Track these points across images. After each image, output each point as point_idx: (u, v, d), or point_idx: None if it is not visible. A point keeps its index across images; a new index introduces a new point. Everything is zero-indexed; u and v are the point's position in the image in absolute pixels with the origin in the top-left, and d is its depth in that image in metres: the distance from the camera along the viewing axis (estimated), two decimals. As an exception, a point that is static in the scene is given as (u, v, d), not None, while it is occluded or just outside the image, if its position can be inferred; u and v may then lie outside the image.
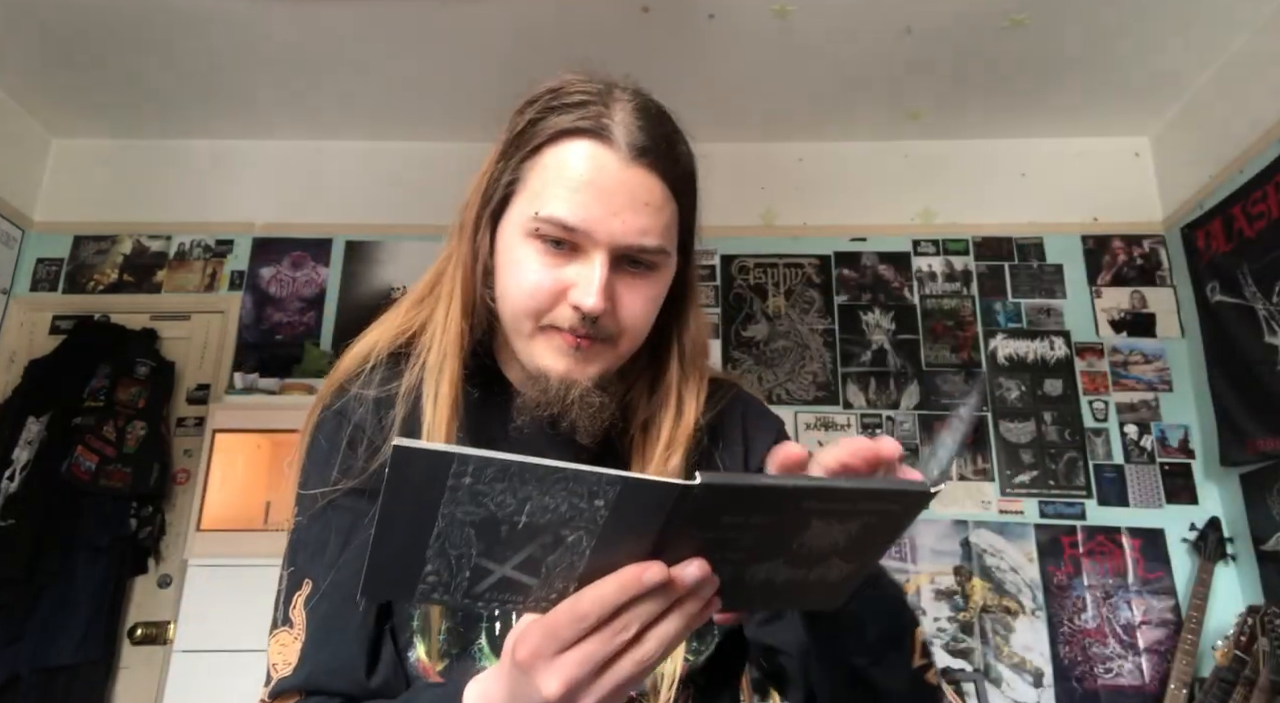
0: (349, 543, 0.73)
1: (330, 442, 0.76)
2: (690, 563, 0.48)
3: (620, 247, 0.69)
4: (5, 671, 2.59)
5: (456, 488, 0.43)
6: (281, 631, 0.72)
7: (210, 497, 2.81)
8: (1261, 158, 2.70)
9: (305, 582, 0.72)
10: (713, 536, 0.48)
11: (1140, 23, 2.74)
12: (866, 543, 0.52)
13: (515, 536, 0.45)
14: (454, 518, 0.44)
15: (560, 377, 0.71)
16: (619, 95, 0.73)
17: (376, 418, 0.76)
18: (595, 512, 0.45)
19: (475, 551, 0.46)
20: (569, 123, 0.70)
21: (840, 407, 3.11)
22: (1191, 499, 2.92)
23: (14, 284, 3.26)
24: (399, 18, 2.77)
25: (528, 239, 0.70)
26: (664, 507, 0.45)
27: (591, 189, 0.68)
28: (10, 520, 2.67)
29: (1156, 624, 2.81)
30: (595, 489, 0.44)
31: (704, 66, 3.01)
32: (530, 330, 0.72)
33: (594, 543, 0.46)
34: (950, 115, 3.27)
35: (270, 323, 3.24)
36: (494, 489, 0.43)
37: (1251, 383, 2.67)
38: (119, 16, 2.78)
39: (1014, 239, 3.28)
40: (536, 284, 0.70)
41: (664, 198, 0.71)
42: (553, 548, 0.46)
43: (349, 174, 3.40)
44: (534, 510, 0.44)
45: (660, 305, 0.76)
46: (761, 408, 0.89)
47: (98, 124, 3.40)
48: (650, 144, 0.70)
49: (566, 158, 0.69)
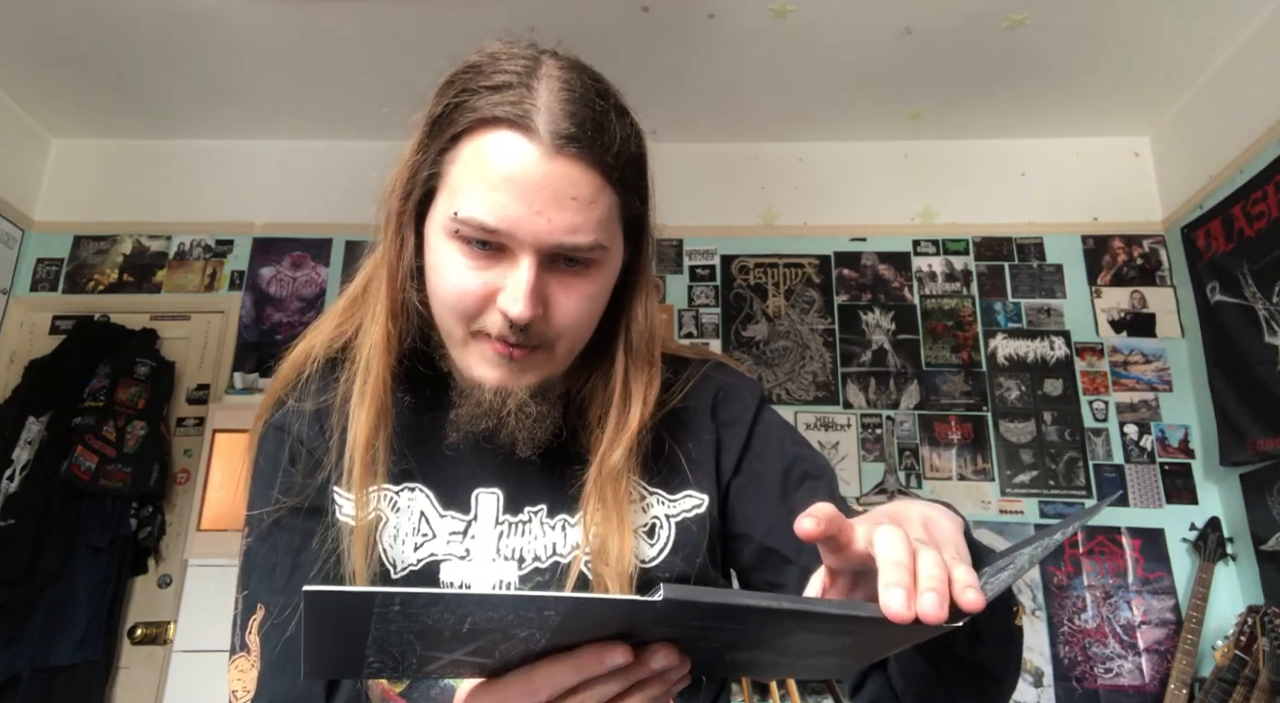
0: (298, 565, 0.71)
1: (271, 459, 0.74)
2: (658, 649, 0.45)
3: (547, 247, 0.63)
4: (5, 671, 2.59)
5: (385, 615, 0.39)
6: (239, 656, 0.70)
7: (210, 497, 2.82)
8: (1261, 158, 2.70)
9: (259, 606, 0.71)
10: (683, 632, 0.45)
11: (1140, 23, 2.74)
12: (868, 649, 0.47)
13: (460, 636, 0.42)
14: (387, 630, 0.41)
15: (494, 387, 0.67)
16: (546, 72, 0.65)
17: (316, 428, 0.73)
18: (545, 619, 0.41)
19: (419, 647, 0.42)
20: (488, 110, 0.63)
21: (840, 407, 3.11)
22: (1191, 499, 2.92)
23: (14, 284, 3.26)
24: (399, 18, 2.77)
25: (450, 239, 0.65)
26: (623, 614, 0.42)
27: (511, 186, 0.62)
28: (10, 521, 2.67)
29: (1156, 624, 2.81)
30: (543, 604, 0.40)
31: (704, 66, 3.01)
32: (461, 336, 0.68)
33: (548, 638, 0.43)
34: (950, 115, 3.27)
35: (270, 323, 3.24)
36: (428, 612, 0.40)
37: (1251, 383, 2.67)
38: (119, 17, 2.78)
39: (1014, 239, 3.28)
40: (461, 288, 0.65)
41: (595, 189, 0.64)
42: (504, 640, 0.43)
43: (349, 174, 3.39)
44: (477, 621, 0.41)
45: (604, 302, 0.70)
46: (735, 385, 0.82)
47: (98, 124, 3.40)
48: (576, 131, 0.62)
49: (484, 151, 0.63)
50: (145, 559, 2.90)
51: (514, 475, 0.74)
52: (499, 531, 0.72)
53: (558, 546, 0.72)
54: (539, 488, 0.74)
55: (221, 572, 2.74)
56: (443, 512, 0.73)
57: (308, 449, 0.73)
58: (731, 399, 0.80)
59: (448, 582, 0.70)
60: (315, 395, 0.74)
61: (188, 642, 2.73)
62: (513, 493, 0.74)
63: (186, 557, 2.81)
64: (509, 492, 0.74)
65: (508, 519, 0.73)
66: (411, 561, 0.71)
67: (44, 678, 2.61)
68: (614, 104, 0.67)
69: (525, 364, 0.67)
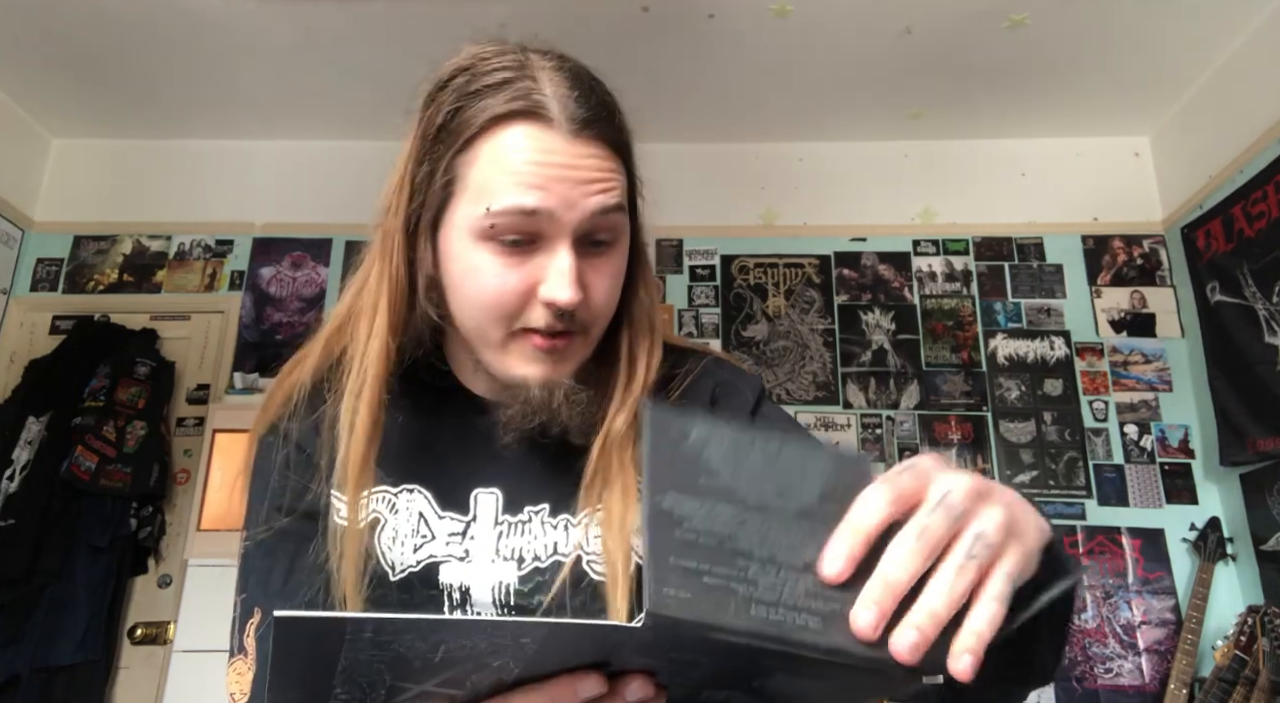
0: (294, 569, 0.71)
1: (268, 465, 0.74)
2: (634, 679, 0.44)
3: (583, 227, 0.65)
4: (5, 671, 2.59)
5: (357, 641, 0.39)
6: (238, 659, 0.70)
7: (210, 497, 2.82)
8: (1261, 158, 2.70)
9: (255, 609, 0.71)
10: (661, 664, 0.44)
11: (1140, 23, 2.74)
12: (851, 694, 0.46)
13: (432, 666, 0.41)
14: (357, 659, 0.40)
15: (540, 382, 0.68)
16: (539, 63, 0.67)
17: (312, 434, 0.73)
18: (521, 647, 0.40)
19: (389, 677, 0.41)
20: (499, 107, 0.64)
21: (840, 407, 3.11)
22: (1191, 499, 2.92)
23: (14, 284, 3.26)
24: (398, 18, 2.77)
25: (480, 242, 0.65)
26: (598, 641, 0.42)
27: (541, 173, 0.63)
28: (10, 521, 2.67)
29: (1156, 624, 2.81)
30: (519, 631, 0.40)
31: (704, 66, 3.01)
32: (500, 338, 0.68)
33: (522, 668, 0.42)
34: (950, 115, 3.27)
35: (270, 323, 3.24)
36: (400, 639, 0.39)
37: (1251, 383, 2.67)
38: (119, 17, 2.78)
39: (1014, 239, 3.28)
40: (500, 288, 0.65)
41: (612, 167, 0.66)
42: (476, 670, 0.42)
43: (349, 174, 3.39)
44: (451, 649, 0.40)
45: (622, 281, 0.71)
46: (732, 377, 0.81)
47: (98, 124, 3.40)
48: (590, 114, 0.65)
49: (506, 145, 0.64)
50: (145, 559, 2.90)
51: (513, 475, 0.74)
52: (498, 531, 0.72)
53: (559, 545, 0.72)
54: (540, 487, 0.74)
55: (221, 572, 2.74)
56: (441, 513, 0.72)
57: (305, 454, 0.73)
58: (730, 394, 0.80)
59: (447, 583, 0.70)
60: (310, 410, 0.74)
61: (188, 642, 2.74)
62: (512, 493, 0.73)
63: (186, 557, 2.82)
64: (508, 492, 0.74)
65: (507, 519, 0.73)
66: (411, 562, 0.71)
67: (44, 678, 2.61)
68: (607, 89, 0.69)
69: (565, 354, 0.68)
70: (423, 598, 0.69)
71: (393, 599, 0.69)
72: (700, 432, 0.43)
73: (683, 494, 0.41)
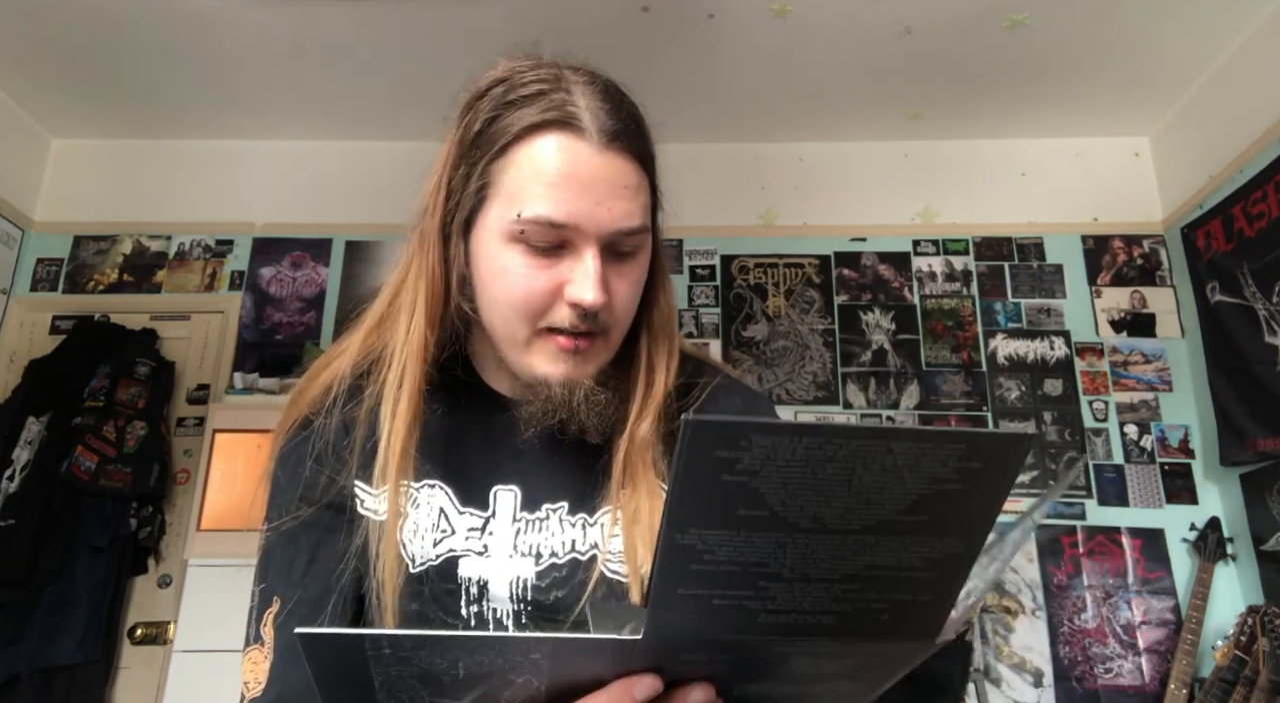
0: (315, 560, 0.72)
1: (296, 457, 0.75)
2: (694, 689, 0.45)
3: (608, 236, 0.67)
4: (5, 671, 2.59)
5: (379, 657, 0.41)
6: (253, 649, 0.71)
7: (210, 497, 2.82)
8: (1261, 158, 2.70)
9: (275, 599, 0.72)
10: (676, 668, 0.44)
11: (1140, 23, 2.74)
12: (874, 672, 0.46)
13: (459, 682, 0.43)
14: (389, 675, 0.42)
15: (561, 381, 0.70)
16: (572, 77, 0.70)
17: (342, 430, 0.75)
18: (534, 663, 0.42)
19: (426, 693, 0.43)
20: (534, 117, 0.67)
21: (840, 407, 3.11)
22: (1191, 499, 2.92)
23: (14, 284, 3.26)
24: (398, 18, 2.77)
25: (510, 244, 0.68)
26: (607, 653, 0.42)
27: (572, 182, 0.66)
28: (10, 521, 2.67)
29: (1156, 624, 2.81)
30: (527, 647, 0.41)
31: (704, 66, 3.01)
32: (526, 337, 0.70)
33: (545, 682, 0.43)
34: (950, 115, 3.27)
35: (270, 323, 3.24)
36: (418, 655, 0.41)
37: (1251, 383, 2.67)
38: (119, 17, 2.78)
39: (1014, 239, 3.28)
40: (528, 287, 0.68)
41: (638, 179, 0.70)
42: (505, 687, 0.43)
43: (349, 174, 3.40)
44: (468, 665, 0.42)
45: (643, 288, 0.74)
46: (743, 401, 0.85)
47: (98, 124, 3.40)
48: (620, 127, 0.68)
49: (540, 153, 0.67)
50: (145, 559, 2.90)
51: (532, 474, 0.76)
52: (516, 527, 0.74)
53: (576, 543, 0.74)
54: (559, 486, 0.76)
55: (222, 572, 2.74)
56: (461, 508, 0.75)
57: (340, 446, 0.74)
58: (745, 411, 0.84)
59: (465, 577, 0.72)
60: (342, 408, 0.75)
61: (188, 642, 2.73)
62: (531, 491, 0.76)
63: (186, 557, 2.82)
64: (527, 489, 0.76)
65: (525, 516, 0.75)
66: (430, 556, 0.73)
67: (44, 678, 2.61)
68: (634, 103, 0.73)
69: (587, 355, 0.71)
70: (441, 591, 0.72)
71: (412, 590, 0.71)
72: (754, 458, 0.38)
73: (709, 529, 0.39)
